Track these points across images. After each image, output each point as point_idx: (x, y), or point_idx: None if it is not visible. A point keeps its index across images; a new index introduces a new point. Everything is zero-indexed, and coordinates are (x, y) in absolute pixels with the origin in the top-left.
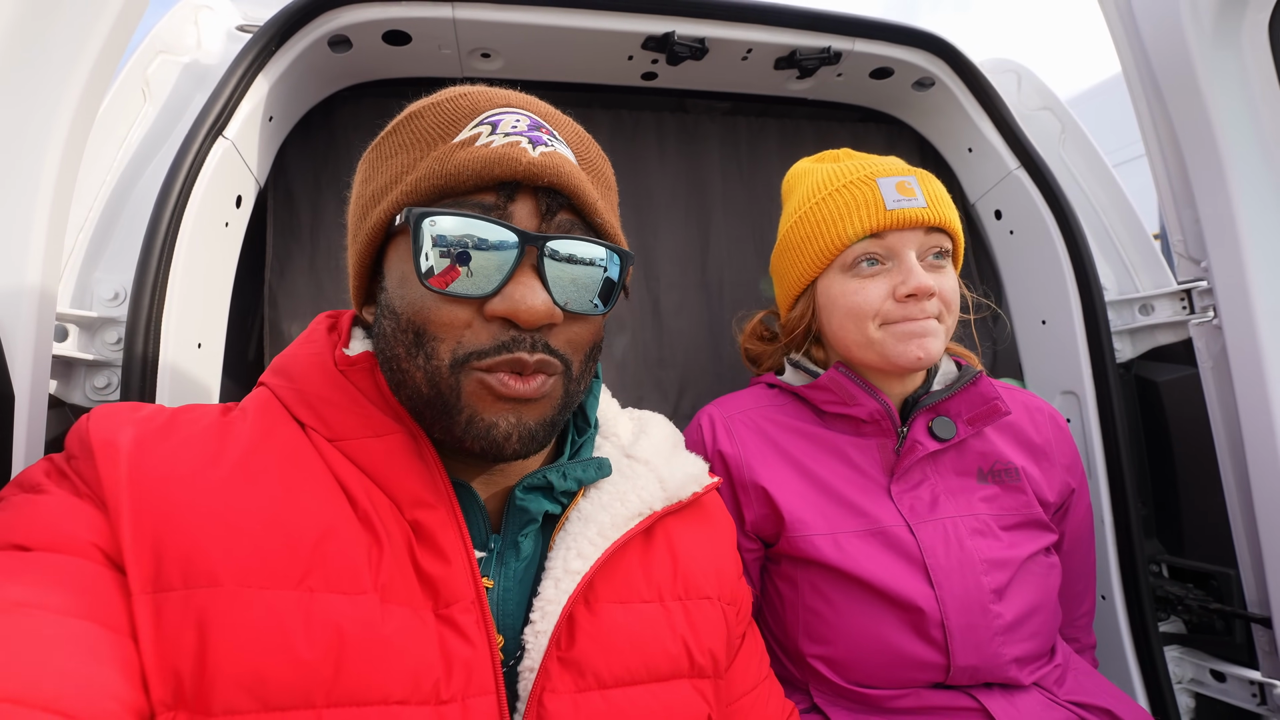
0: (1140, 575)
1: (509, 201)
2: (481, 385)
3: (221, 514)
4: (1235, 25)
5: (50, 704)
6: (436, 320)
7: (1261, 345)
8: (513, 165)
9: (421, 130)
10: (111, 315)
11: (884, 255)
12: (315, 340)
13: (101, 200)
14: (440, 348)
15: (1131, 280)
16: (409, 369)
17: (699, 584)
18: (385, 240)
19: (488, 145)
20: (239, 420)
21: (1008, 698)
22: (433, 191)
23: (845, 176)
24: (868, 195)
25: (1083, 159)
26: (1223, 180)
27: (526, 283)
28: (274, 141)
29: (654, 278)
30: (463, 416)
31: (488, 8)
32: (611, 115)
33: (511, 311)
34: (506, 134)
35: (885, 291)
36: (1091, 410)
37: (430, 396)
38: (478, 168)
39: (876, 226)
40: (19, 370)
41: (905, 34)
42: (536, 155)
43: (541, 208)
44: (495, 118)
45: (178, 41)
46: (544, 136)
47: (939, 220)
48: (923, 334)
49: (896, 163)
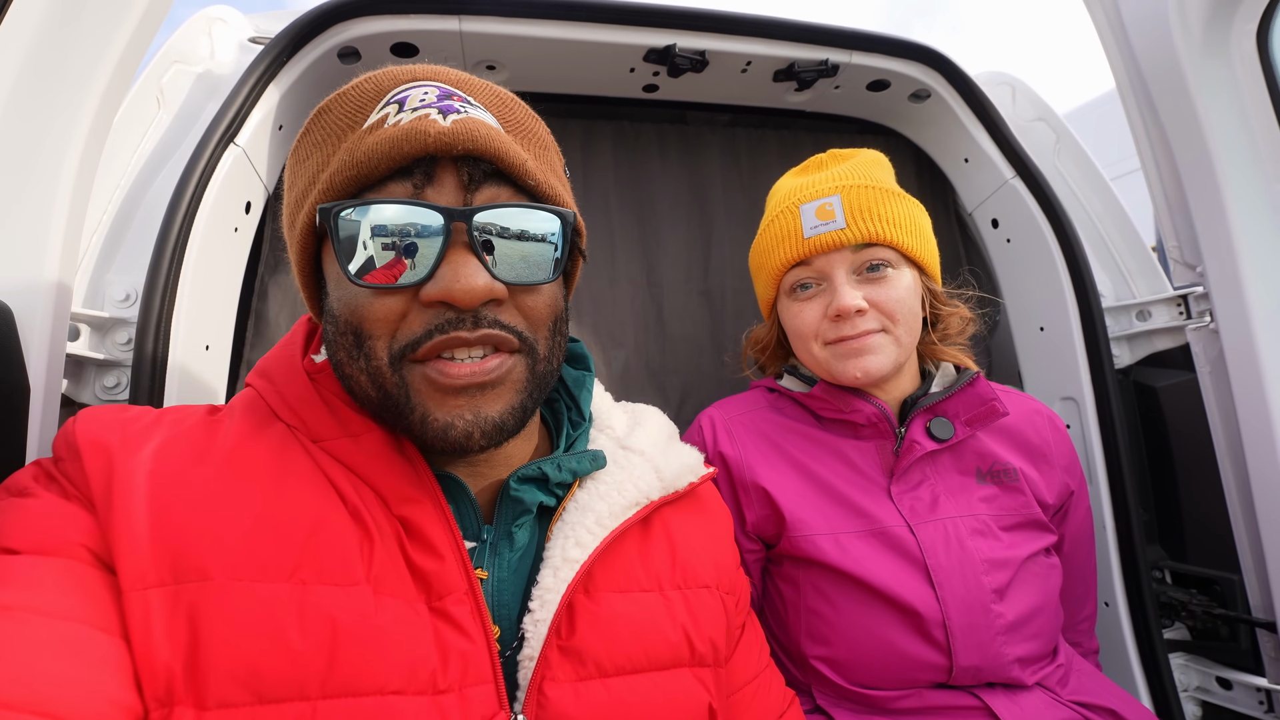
0: (1143, 581)
1: (428, 180)
2: (425, 380)
3: (211, 509)
4: (1224, 34)
5: (41, 707)
6: (371, 317)
7: (1258, 348)
8: (422, 139)
9: (331, 124)
10: (122, 316)
11: (815, 278)
12: (294, 344)
13: (116, 204)
14: (377, 345)
15: (1128, 287)
16: (353, 373)
17: (697, 573)
18: (319, 245)
19: (396, 124)
20: (226, 419)
21: (1011, 697)
22: (348, 184)
23: (781, 204)
24: (790, 225)
25: (1078, 168)
26: (1216, 185)
27: (459, 260)
28: (284, 149)
29: (656, 285)
30: (415, 416)
31: (494, 21)
32: (614, 126)
33: (446, 293)
34: (415, 109)
35: (820, 313)
36: (1091, 416)
37: (379, 399)
38: (385, 149)
39: (796, 256)
40: (34, 365)
41: (901, 47)
42: (448, 124)
43: (464, 179)
44: (402, 95)
45: (192, 52)
46: (455, 104)
47: (861, 237)
48: (859, 352)
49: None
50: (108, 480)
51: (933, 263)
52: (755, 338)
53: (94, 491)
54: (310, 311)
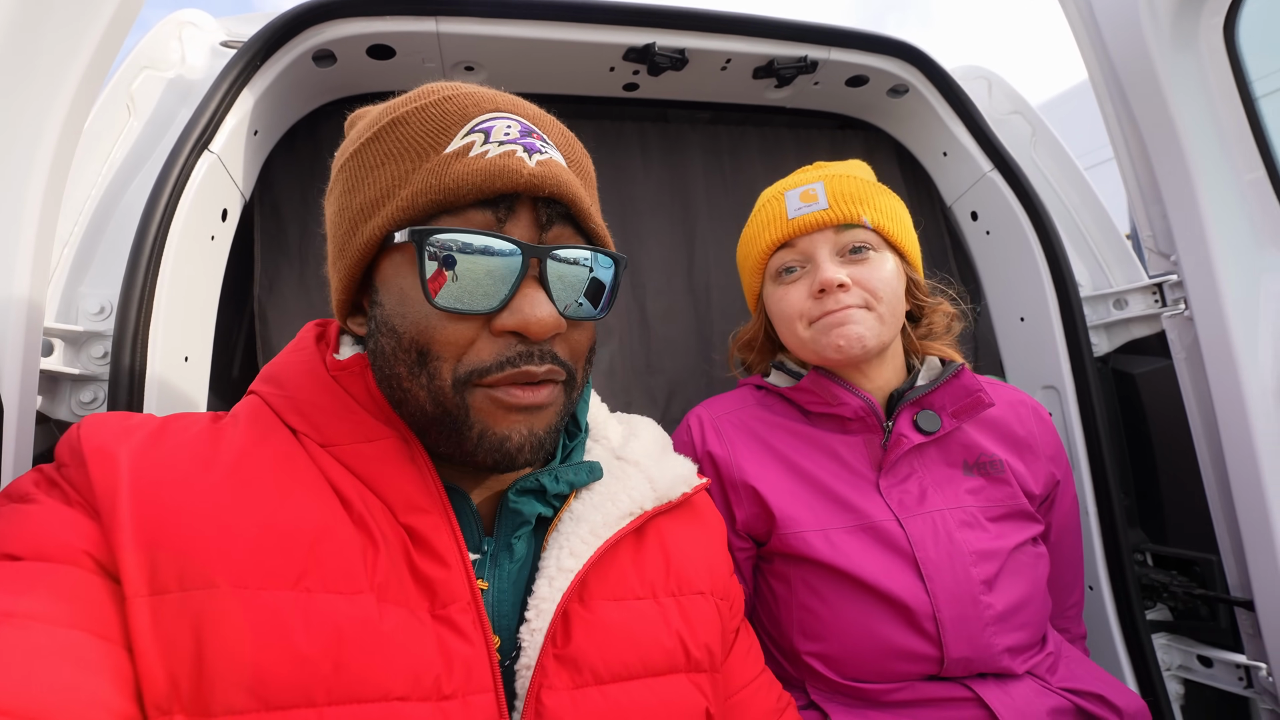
0: (1125, 564)
1: (509, 215)
2: (490, 400)
3: (216, 516)
4: (1192, 28)
5: (38, 715)
6: (441, 339)
7: (1231, 334)
8: (513, 178)
9: (409, 139)
10: (97, 329)
11: (800, 260)
12: (305, 348)
13: (87, 215)
14: (443, 367)
15: (1105, 276)
16: (411, 388)
17: (692, 580)
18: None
19: (482, 156)
20: (230, 427)
21: (1001, 687)
22: (431, 207)
23: (766, 197)
24: (775, 210)
25: (1053, 160)
26: (1187, 176)
27: (533, 295)
28: (259, 155)
29: (640, 285)
30: (474, 432)
31: (471, 21)
32: (594, 126)
33: (522, 325)
34: (501, 142)
35: (805, 293)
36: (1072, 404)
37: (436, 415)
38: (478, 181)
39: (782, 237)
40: (8, 382)
41: (879, 42)
42: (534, 165)
43: (541, 218)
44: (486, 124)
45: (162, 57)
46: (537, 143)
47: (841, 217)
48: (841, 323)
49: (820, 171)
50: (112, 486)
51: (914, 252)
52: (742, 337)
53: (98, 498)
54: (336, 315)
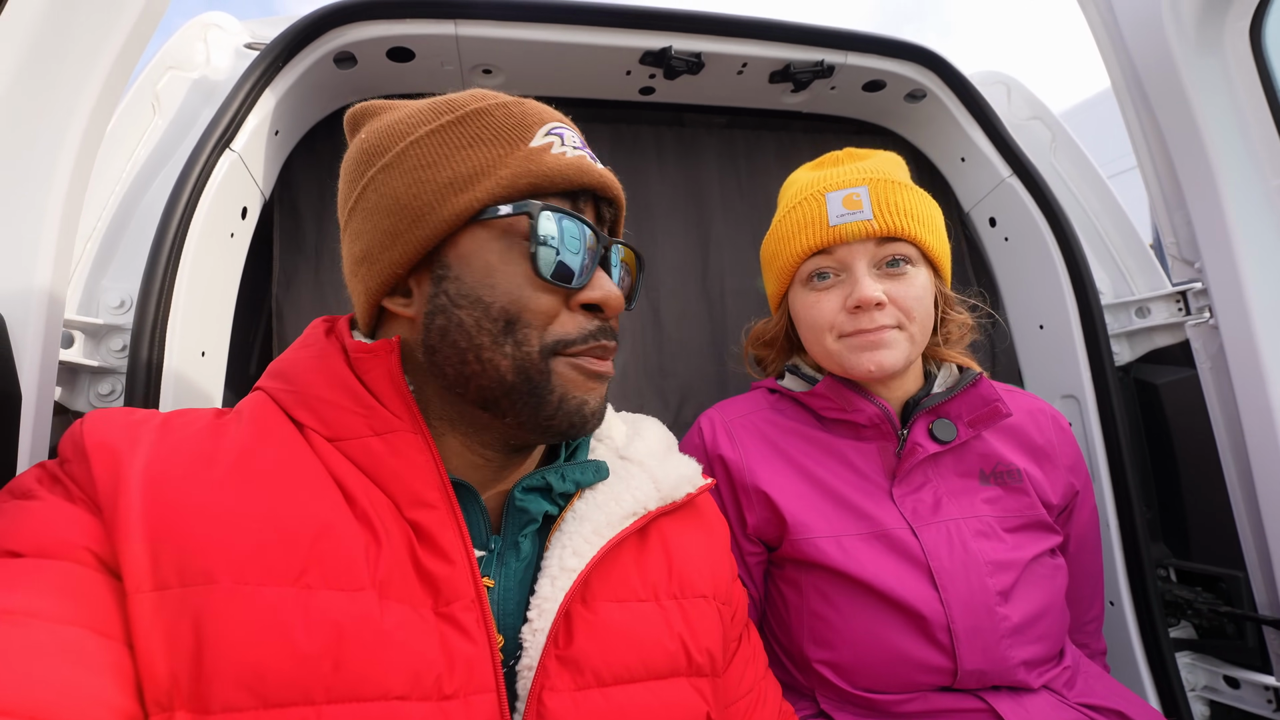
0: (1148, 580)
1: (585, 206)
2: (572, 367)
3: (218, 512)
4: (1217, 32)
5: (39, 713)
6: (534, 309)
7: (1258, 343)
8: (596, 176)
9: (497, 128)
10: (117, 322)
11: (836, 268)
12: (314, 342)
13: (110, 210)
14: (531, 335)
15: (1127, 284)
16: (493, 357)
17: (694, 583)
18: (457, 228)
19: (562, 155)
20: (234, 422)
21: (1017, 700)
22: (529, 189)
23: (803, 192)
24: (815, 212)
25: (1074, 166)
26: (1212, 182)
27: (606, 276)
28: (280, 155)
29: (654, 288)
30: (554, 397)
31: (490, 25)
32: (610, 129)
33: (604, 299)
34: (575, 147)
35: (838, 304)
36: (1092, 414)
37: (515, 383)
38: (571, 174)
39: (821, 243)
40: (26, 372)
41: (896, 47)
42: (601, 169)
43: (605, 215)
44: (559, 130)
45: (187, 58)
46: (590, 153)
47: (886, 230)
48: (876, 345)
49: (862, 172)
50: (114, 483)
51: (946, 265)
52: (758, 333)
53: (100, 494)
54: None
